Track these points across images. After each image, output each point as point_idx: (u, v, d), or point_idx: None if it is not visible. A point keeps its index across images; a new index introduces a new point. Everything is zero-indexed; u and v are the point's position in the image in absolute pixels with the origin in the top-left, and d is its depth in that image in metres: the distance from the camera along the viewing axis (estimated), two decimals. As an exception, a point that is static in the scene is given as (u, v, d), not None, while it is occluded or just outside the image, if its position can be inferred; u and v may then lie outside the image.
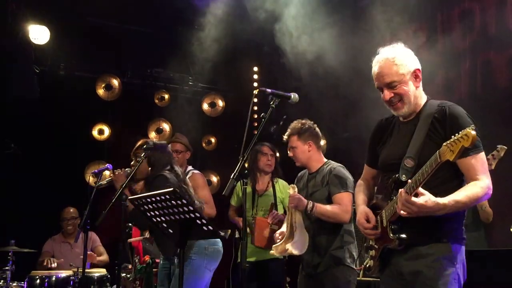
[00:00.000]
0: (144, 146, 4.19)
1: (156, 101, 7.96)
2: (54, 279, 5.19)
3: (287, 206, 3.94)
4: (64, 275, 5.27)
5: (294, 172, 4.27)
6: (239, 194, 5.40)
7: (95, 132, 7.60)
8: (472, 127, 2.15)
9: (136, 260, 5.43)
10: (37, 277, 5.17)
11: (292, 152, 3.99)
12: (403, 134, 2.66)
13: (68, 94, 7.19)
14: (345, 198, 3.74)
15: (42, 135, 7.31)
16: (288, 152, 4.06)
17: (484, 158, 2.49)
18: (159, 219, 2.99)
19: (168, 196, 2.77)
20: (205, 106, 8.28)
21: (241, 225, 5.35)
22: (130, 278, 5.45)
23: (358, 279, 3.90)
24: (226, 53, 6.92)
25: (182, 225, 2.89)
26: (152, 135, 7.85)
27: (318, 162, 3.98)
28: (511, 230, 4.05)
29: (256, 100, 7.43)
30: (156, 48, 7.72)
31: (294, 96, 3.20)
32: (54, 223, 6.46)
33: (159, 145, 4.21)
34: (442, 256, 2.48)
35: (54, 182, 7.15)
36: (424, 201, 2.31)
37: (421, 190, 2.33)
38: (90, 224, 4.37)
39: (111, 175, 4.26)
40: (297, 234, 3.77)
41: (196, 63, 7.42)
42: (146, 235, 6.41)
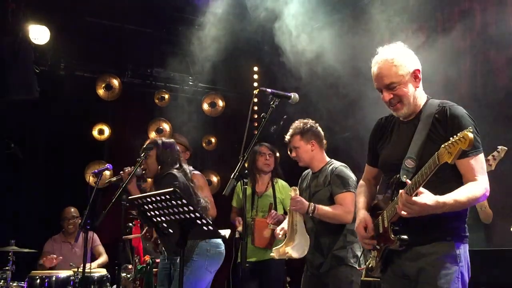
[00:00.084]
0: (144, 146, 4.24)
1: (156, 101, 7.95)
2: (54, 279, 5.20)
3: (288, 208, 3.93)
4: (64, 275, 5.28)
5: (295, 172, 4.27)
6: (240, 194, 5.39)
7: (95, 132, 7.59)
8: (470, 129, 2.14)
9: (136, 260, 5.43)
10: (37, 277, 5.18)
11: (295, 152, 3.96)
12: (404, 134, 2.65)
13: (68, 94, 7.19)
14: (347, 198, 3.72)
15: (42, 135, 7.31)
16: (289, 152, 4.05)
17: (482, 159, 2.49)
18: (159, 219, 2.99)
19: (168, 196, 2.77)
20: (205, 106, 8.26)
21: (237, 225, 5.35)
22: (130, 278, 5.45)
23: (361, 279, 3.89)
24: (226, 52, 6.91)
25: (182, 225, 2.89)
26: (152, 135, 7.83)
27: (321, 162, 3.96)
28: (511, 230, 4.06)
29: (256, 100, 7.47)
30: (156, 48, 7.72)
31: (294, 96, 3.21)
32: (54, 223, 6.46)
33: (168, 143, 4.24)
34: (446, 255, 2.47)
35: (54, 182, 7.15)
36: (425, 199, 2.30)
37: (420, 189, 2.33)
38: (90, 224, 4.38)
39: (121, 173, 4.27)
40: (297, 237, 3.77)
41: (196, 63, 7.41)
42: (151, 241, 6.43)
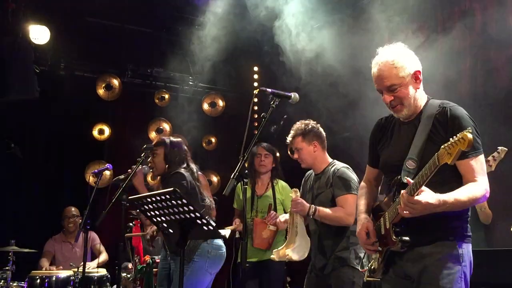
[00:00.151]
0: (144, 147, 4.28)
1: (156, 101, 7.95)
2: (54, 279, 5.21)
3: (288, 209, 3.92)
4: (64, 275, 5.28)
5: (295, 173, 4.26)
6: (240, 195, 5.38)
7: (95, 132, 7.59)
8: (469, 129, 2.13)
9: (136, 260, 5.43)
10: (37, 277, 5.19)
11: (297, 154, 3.92)
12: (404, 135, 2.65)
13: (68, 94, 7.19)
14: (348, 200, 3.69)
15: (42, 135, 7.31)
16: (289, 153, 4.05)
17: (483, 160, 2.49)
18: (160, 219, 2.99)
19: (168, 196, 2.77)
20: (205, 106, 8.26)
21: (234, 226, 5.34)
22: (130, 278, 5.45)
23: (365, 279, 3.88)
24: (226, 52, 6.91)
25: (183, 225, 2.89)
26: (152, 135, 7.83)
27: (324, 163, 3.93)
28: (511, 230, 4.05)
29: (256, 100, 7.46)
30: (156, 48, 7.72)
31: (295, 95, 3.20)
32: (54, 223, 6.46)
33: (176, 142, 4.28)
34: (448, 255, 2.46)
35: (54, 182, 7.15)
36: (427, 198, 2.28)
37: (421, 188, 2.31)
38: (90, 224, 4.38)
39: (129, 171, 4.28)
40: (298, 239, 3.76)
41: (196, 62, 7.41)
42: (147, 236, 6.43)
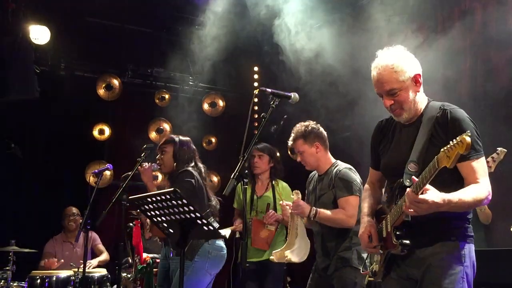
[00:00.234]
0: (145, 146, 4.30)
1: (156, 101, 7.95)
2: (54, 279, 5.20)
3: (290, 212, 3.91)
4: (64, 275, 5.27)
5: (295, 173, 4.26)
6: (240, 195, 5.38)
7: (95, 132, 7.59)
8: (468, 133, 2.11)
9: (137, 260, 5.43)
10: (37, 277, 5.18)
11: (300, 157, 3.91)
12: (405, 137, 2.64)
13: (68, 94, 7.19)
14: (349, 202, 3.68)
15: (42, 135, 7.31)
16: (289, 153, 4.04)
17: (484, 162, 2.48)
18: (160, 219, 2.99)
19: (168, 196, 2.78)
20: (205, 106, 8.27)
21: (234, 226, 5.34)
22: (131, 278, 5.45)
23: (368, 279, 3.88)
24: (226, 52, 6.91)
25: (183, 225, 2.89)
26: (153, 135, 7.84)
27: (327, 164, 3.91)
28: (511, 230, 4.05)
29: (256, 100, 7.47)
30: (156, 48, 7.72)
31: (295, 96, 3.20)
32: (55, 223, 6.46)
33: (185, 141, 4.33)
34: (450, 255, 2.46)
35: (55, 182, 7.15)
36: (432, 197, 2.25)
37: (426, 186, 2.28)
38: (90, 224, 4.39)
39: (139, 167, 4.29)
40: (298, 240, 3.77)
41: (196, 62, 7.41)
42: (147, 236, 6.44)
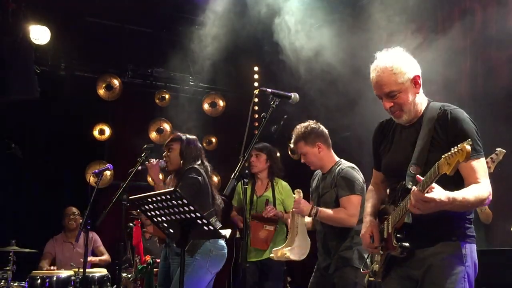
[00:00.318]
0: (144, 147, 4.31)
1: (156, 101, 7.95)
2: (55, 279, 5.21)
3: (291, 210, 3.92)
4: (65, 275, 5.28)
5: (295, 173, 4.25)
6: (240, 194, 5.39)
7: (95, 132, 7.59)
8: (469, 141, 2.10)
9: (137, 260, 5.43)
10: (38, 277, 5.18)
11: (304, 159, 3.92)
12: (405, 139, 2.64)
13: (68, 94, 7.18)
14: (351, 201, 3.68)
15: (42, 135, 7.31)
16: (290, 153, 4.04)
17: (484, 163, 2.47)
18: (160, 219, 2.99)
19: (168, 196, 2.78)
20: (205, 106, 8.26)
21: (239, 224, 5.36)
22: (131, 278, 5.46)
23: (369, 279, 3.88)
24: (226, 52, 6.91)
25: (183, 225, 2.89)
26: (153, 135, 7.84)
27: (330, 162, 3.90)
28: (511, 230, 4.05)
29: (256, 100, 7.46)
30: (156, 48, 7.71)
31: (295, 96, 3.20)
32: (55, 223, 6.47)
33: (191, 139, 4.35)
34: (451, 255, 2.45)
35: (55, 182, 7.15)
36: (438, 195, 2.23)
37: (432, 185, 2.26)
38: (90, 224, 4.39)
39: (146, 163, 4.29)
40: (298, 239, 3.77)
41: (196, 62, 7.41)
42: (147, 236, 6.44)
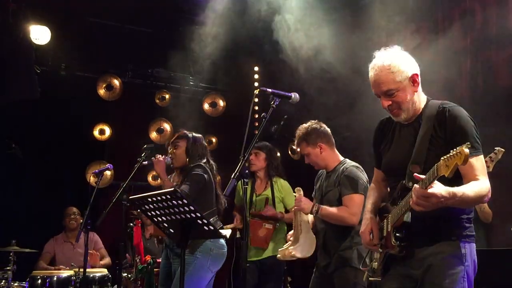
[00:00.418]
0: (144, 147, 4.31)
1: (157, 101, 7.96)
2: (55, 279, 5.20)
3: (292, 208, 3.92)
4: (65, 275, 5.28)
5: (295, 172, 4.26)
6: (240, 193, 5.40)
7: (96, 132, 7.60)
8: (468, 144, 2.09)
9: (137, 260, 5.43)
10: (38, 277, 5.18)
11: (307, 159, 3.93)
12: (405, 137, 2.64)
13: (69, 94, 7.18)
14: (353, 200, 3.68)
15: (42, 135, 7.31)
16: (290, 153, 4.05)
17: (483, 160, 2.47)
18: (160, 219, 3.00)
19: (169, 196, 2.78)
20: (206, 106, 8.27)
21: (236, 222, 5.36)
22: (131, 278, 5.46)
23: (369, 279, 3.87)
24: (226, 52, 6.91)
25: (183, 225, 2.89)
26: (153, 135, 7.85)
27: (334, 161, 3.90)
28: (511, 230, 4.05)
29: (256, 100, 7.45)
30: (157, 48, 7.71)
31: (295, 96, 3.20)
32: (55, 223, 6.47)
33: (197, 138, 4.43)
34: (451, 255, 2.45)
35: (55, 182, 7.16)
36: (439, 190, 2.21)
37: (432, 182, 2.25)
38: (91, 224, 4.39)
39: (152, 158, 4.28)
40: (302, 237, 3.77)
41: (196, 62, 7.41)
42: (147, 236, 6.44)
